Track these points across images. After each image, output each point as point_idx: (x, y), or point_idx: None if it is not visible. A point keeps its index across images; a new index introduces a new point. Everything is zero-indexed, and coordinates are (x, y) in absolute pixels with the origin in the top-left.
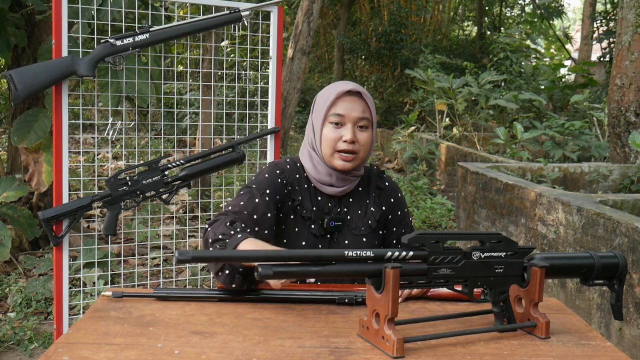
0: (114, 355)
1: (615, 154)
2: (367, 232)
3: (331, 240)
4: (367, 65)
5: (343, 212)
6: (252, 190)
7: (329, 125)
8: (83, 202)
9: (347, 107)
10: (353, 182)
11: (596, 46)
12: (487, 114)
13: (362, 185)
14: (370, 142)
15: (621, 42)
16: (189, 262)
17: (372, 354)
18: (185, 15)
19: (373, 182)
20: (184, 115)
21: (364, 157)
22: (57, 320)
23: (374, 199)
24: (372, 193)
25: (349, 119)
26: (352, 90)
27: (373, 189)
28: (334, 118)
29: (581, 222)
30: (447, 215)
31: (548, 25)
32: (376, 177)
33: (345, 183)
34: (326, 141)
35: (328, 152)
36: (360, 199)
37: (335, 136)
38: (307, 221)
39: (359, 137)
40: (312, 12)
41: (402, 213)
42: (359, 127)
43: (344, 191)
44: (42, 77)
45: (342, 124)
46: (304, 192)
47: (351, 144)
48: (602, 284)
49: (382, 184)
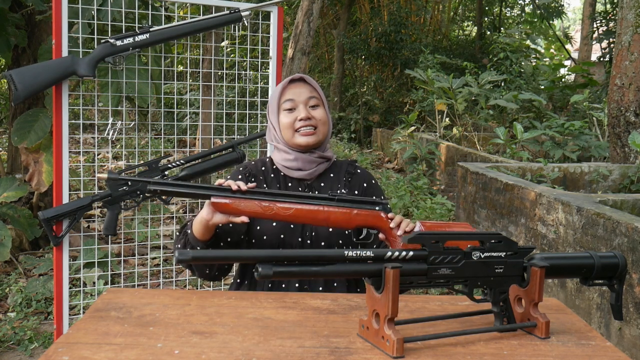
0: (114, 355)
1: (615, 154)
2: None
3: (304, 226)
4: (367, 65)
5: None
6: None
7: (284, 112)
8: (83, 202)
9: (295, 92)
10: (320, 164)
11: (596, 46)
12: (487, 114)
13: (333, 172)
14: (325, 117)
15: (621, 42)
16: (189, 262)
17: (372, 354)
18: (185, 15)
19: (344, 169)
20: (184, 115)
21: (324, 132)
22: (57, 320)
23: (345, 183)
24: (343, 178)
25: (299, 101)
26: (294, 78)
27: (344, 174)
28: (287, 104)
29: (581, 222)
30: (447, 215)
31: (548, 25)
32: (347, 164)
33: (312, 165)
34: (284, 126)
35: (289, 134)
36: (331, 184)
37: (292, 119)
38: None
39: (313, 113)
40: (312, 12)
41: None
42: (311, 107)
43: (312, 174)
44: (42, 77)
45: (294, 107)
46: (270, 181)
47: (307, 120)
48: (602, 284)
49: (353, 169)
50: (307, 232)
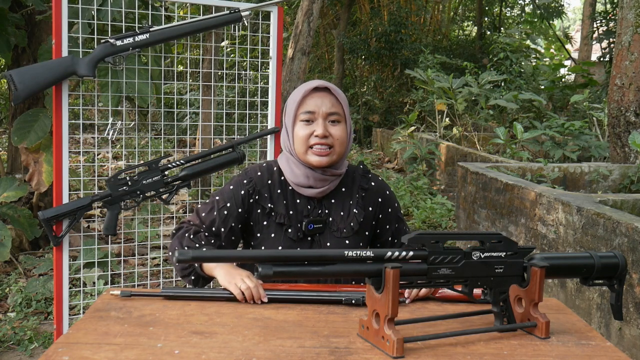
0: (114, 355)
1: (615, 154)
2: (349, 234)
3: (312, 243)
4: (367, 65)
5: (324, 214)
6: (214, 202)
7: (300, 123)
8: (83, 202)
9: (316, 103)
10: (333, 182)
11: (596, 46)
12: (487, 114)
13: (345, 186)
14: (344, 136)
15: (621, 42)
16: (189, 262)
17: (372, 354)
18: (185, 15)
19: (357, 183)
20: (184, 115)
21: (340, 152)
22: (57, 320)
23: (358, 200)
24: (356, 194)
25: (319, 114)
26: (319, 86)
27: (357, 189)
28: (304, 116)
29: (581, 222)
30: (447, 215)
31: (548, 25)
32: (361, 177)
33: (324, 183)
34: (298, 139)
35: (302, 149)
36: (342, 200)
37: (307, 133)
38: (282, 226)
39: (331, 131)
40: (312, 12)
41: (392, 210)
42: (331, 122)
43: (323, 192)
44: (42, 77)
45: (312, 120)
46: (277, 198)
47: (324, 138)
48: (602, 284)
49: (366, 184)
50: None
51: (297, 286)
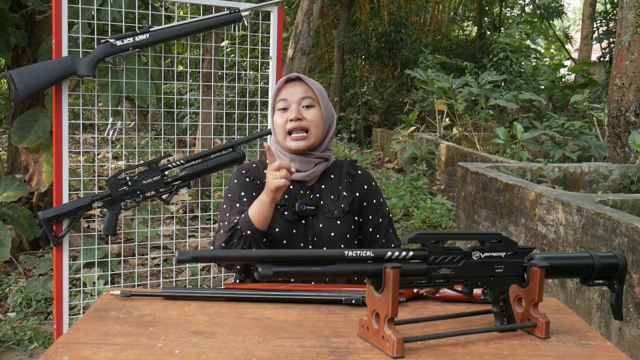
0: (114, 355)
1: (615, 154)
2: (340, 215)
3: (306, 225)
4: (367, 65)
5: (315, 198)
6: (230, 199)
7: (278, 112)
8: (83, 202)
9: (289, 92)
10: (318, 164)
11: (596, 46)
12: (487, 114)
13: (334, 173)
14: (318, 119)
15: (621, 42)
16: (189, 262)
17: (372, 354)
18: (185, 15)
19: (345, 170)
20: (184, 115)
21: (317, 135)
22: (57, 320)
23: (346, 185)
24: (344, 179)
25: (292, 101)
26: (291, 77)
27: (345, 175)
28: (280, 104)
29: (581, 222)
30: (447, 215)
31: (548, 25)
32: (348, 166)
33: (310, 166)
34: (277, 127)
35: (281, 136)
36: (332, 185)
37: (284, 120)
38: (280, 208)
39: (305, 114)
40: (312, 12)
41: (377, 202)
42: (305, 107)
43: (311, 175)
44: (42, 77)
45: (287, 107)
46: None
47: (297, 121)
48: (602, 284)
49: (354, 171)
50: (309, 237)
51: (297, 286)
